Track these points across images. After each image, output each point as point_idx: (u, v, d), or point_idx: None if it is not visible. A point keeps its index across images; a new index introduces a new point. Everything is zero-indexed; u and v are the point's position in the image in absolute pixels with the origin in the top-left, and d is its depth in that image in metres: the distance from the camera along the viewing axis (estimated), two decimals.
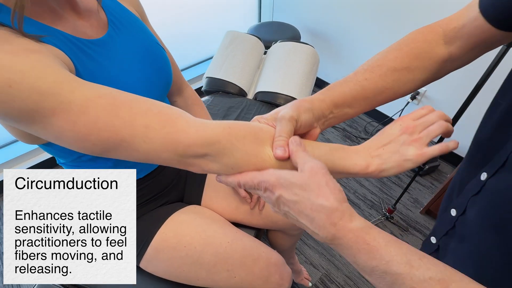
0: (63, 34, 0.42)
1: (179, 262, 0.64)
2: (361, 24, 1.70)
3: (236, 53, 1.34)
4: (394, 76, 0.42)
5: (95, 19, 0.48)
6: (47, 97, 0.30)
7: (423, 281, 0.26)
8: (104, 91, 0.33)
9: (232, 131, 0.35)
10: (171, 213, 0.69)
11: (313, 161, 0.32)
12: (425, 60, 0.43)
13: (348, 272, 1.27)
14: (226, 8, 2.01)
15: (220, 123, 0.35)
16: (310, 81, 1.29)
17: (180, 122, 0.34)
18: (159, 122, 0.33)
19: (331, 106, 0.42)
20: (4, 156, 1.51)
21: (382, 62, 0.43)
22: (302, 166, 0.33)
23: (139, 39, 0.54)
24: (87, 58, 0.44)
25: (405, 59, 0.43)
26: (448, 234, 0.42)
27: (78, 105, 0.31)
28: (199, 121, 0.35)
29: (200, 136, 0.33)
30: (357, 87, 0.42)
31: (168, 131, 0.33)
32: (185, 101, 0.76)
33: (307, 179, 0.31)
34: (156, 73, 0.56)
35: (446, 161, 1.71)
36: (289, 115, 0.37)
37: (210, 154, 0.34)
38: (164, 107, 0.35)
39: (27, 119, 0.32)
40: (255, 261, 0.67)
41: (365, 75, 0.43)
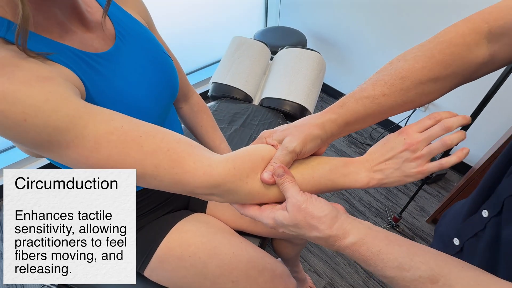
0: (70, 49, 0.41)
1: (183, 272, 0.64)
2: (368, 29, 1.70)
3: (242, 59, 1.35)
4: (418, 89, 0.38)
5: (102, 31, 0.48)
6: (60, 131, 0.31)
7: (414, 280, 0.29)
8: (115, 125, 0.34)
9: (236, 172, 0.36)
10: (176, 222, 0.69)
11: (293, 198, 0.35)
12: (459, 66, 0.38)
13: (352, 281, 1.24)
14: (233, 12, 2.03)
15: (225, 162, 0.36)
16: (317, 88, 1.29)
17: (188, 163, 0.35)
18: (169, 162, 0.35)
19: (342, 126, 0.40)
20: (5, 160, 1.52)
21: (407, 73, 0.38)
22: (287, 205, 0.35)
23: (146, 49, 0.54)
24: (95, 73, 0.44)
25: (436, 68, 0.37)
26: (477, 235, 0.41)
27: (91, 141, 0.32)
28: (207, 162, 0.36)
29: (207, 180, 0.35)
30: (373, 105, 0.39)
31: (177, 172, 0.35)
32: (191, 108, 0.76)
33: (294, 219, 0.34)
34: (163, 83, 0.56)
35: (453, 170, 1.68)
36: (292, 148, 0.37)
37: (216, 194, 0.37)
38: (173, 144, 0.36)
39: (41, 149, 0.33)
40: (260, 272, 0.67)
41: (383, 90, 0.38)
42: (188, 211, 0.76)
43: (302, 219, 0.34)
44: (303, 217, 0.34)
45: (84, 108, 0.33)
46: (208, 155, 0.37)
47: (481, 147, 1.47)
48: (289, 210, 0.35)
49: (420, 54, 0.39)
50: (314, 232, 0.34)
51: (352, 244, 0.33)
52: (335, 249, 0.34)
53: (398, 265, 0.30)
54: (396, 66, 0.39)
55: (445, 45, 0.38)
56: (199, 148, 0.38)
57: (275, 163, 0.37)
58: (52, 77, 0.34)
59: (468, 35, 0.37)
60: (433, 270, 0.29)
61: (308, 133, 0.38)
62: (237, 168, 0.36)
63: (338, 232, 0.33)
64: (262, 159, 0.38)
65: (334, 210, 0.35)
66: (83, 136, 0.32)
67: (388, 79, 0.39)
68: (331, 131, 0.40)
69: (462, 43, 0.37)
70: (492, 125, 1.40)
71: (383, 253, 0.31)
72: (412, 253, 0.31)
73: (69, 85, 0.36)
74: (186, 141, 0.37)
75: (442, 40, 0.38)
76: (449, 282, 0.28)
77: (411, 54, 0.39)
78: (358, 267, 1.28)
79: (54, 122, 0.31)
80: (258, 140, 0.43)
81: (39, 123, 0.30)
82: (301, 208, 0.34)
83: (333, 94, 2.15)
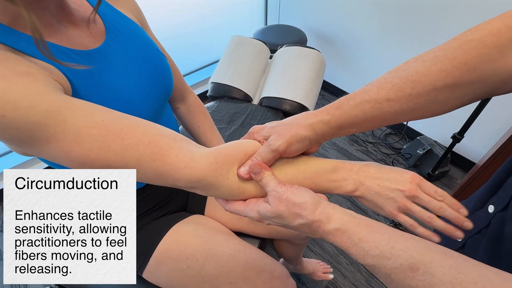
0: (57, 47, 0.42)
1: (181, 274, 0.64)
2: (369, 26, 1.69)
3: (241, 58, 1.35)
4: (430, 96, 0.33)
5: (92, 28, 0.48)
6: (40, 126, 0.31)
7: (394, 268, 0.29)
8: (95, 119, 0.33)
9: (218, 167, 0.36)
10: (174, 224, 0.68)
11: (273, 191, 0.35)
12: (487, 71, 0.31)
13: (354, 280, 1.24)
14: (233, 11, 2.03)
15: (208, 156, 0.36)
16: (316, 86, 1.29)
17: (169, 156, 0.35)
18: (150, 154, 0.35)
19: (335, 128, 0.38)
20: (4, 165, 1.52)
21: (419, 77, 0.33)
22: (268, 199, 0.36)
23: (138, 46, 0.54)
24: (83, 70, 0.44)
25: (456, 72, 0.32)
26: (482, 232, 0.40)
27: (71, 135, 0.32)
28: (189, 155, 0.36)
29: (188, 173, 0.35)
30: (374, 110, 0.35)
31: (158, 165, 0.35)
32: (188, 108, 0.76)
33: (276, 210, 0.34)
34: (156, 81, 0.56)
35: (456, 167, 1.67)
36: (275, 147, 0.37)
37: (198, 187, 0.37)
38: (154, 137, 0.35)
39: (23, 145, 0.33)
40: (258, 274, 0.66)
41: (388, 94, 0.34)
42: (186, 213, 0.76)
43: (285, 209, 0.34)
44: (285, 207, 0.34)
45: (63, 102, 0.33)
46: (191, 148, 0.37)
47: (485, 144, 1.46)
48: (271, 202, 0.35)
49: (440, 55, 0.33)
50: (298, 219, 0.34)
51: (335, 230, 0.33)
52: (319, 236, 0.34)
53: (379, 253, 0.30)
54: (410, 67, 0.35)
55: (472, 45, 0.31)
56: (182, 141, 0.37)
57: (256, 158, 0.37)
58: (31, 72, 0.34)
59: (505, 34, 0.30)
60: (414, 258, 0.29)
61: (295, 133, 0.37)
62: (219, 162, 0.36)
63: (321, 216, 0.33)
64: (245, 154, 0.38)
65: (315, 196, 0.35)
66: (63, 130, 0.32)
67: (397, 82, 0.34)
68: (321, 132, 0.39)
69: (494, 44, 0.30)
70: (496, 122, 1.39)
71: (364, 241, 0.31)
72: (394, 240, 0.31)
73: (49, 80, 0.35)
74: (169, 134, 0.37)
75: (471, 38, 0.32)
76: (429, 270, 0.28)
77: (431, 53, 0.34)
78: (360, 266, 1.28)
79: (33, 117, 0.31)
80: (247, 135, 0.43)
81: (18, 118, 0.30)
82: (282, 199, 0.34)
83: (334, 91, 2.14)
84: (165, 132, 0.37)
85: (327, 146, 1.82)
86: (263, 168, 0.36)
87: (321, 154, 1.77)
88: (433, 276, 0.28)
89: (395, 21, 1.55)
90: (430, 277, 0.28)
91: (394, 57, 1.64)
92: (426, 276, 0.28)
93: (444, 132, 1.61)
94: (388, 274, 0.30)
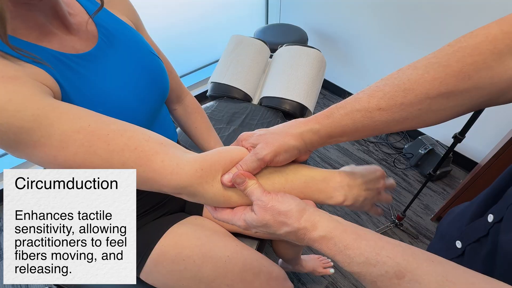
0: (48, 51, 0.41)
1: (178, 276, 0.63)
2: (370, 25, 1.69)
3: (241, 58, 1.35)
4: (423, 104, 0.32)
5: (84, 32, 0.47)
6: (26, 131, 0.31)
7: (380, 275, 0.29)
8: (81, 124, 0.33)
9: (203, 174, 0.36)
10: (171, 225, 0.68)
11: (258, 200, 0.35)
12: (484, 79, 0.29)
13: (355, 280, 1.23)
14: (233, 11, 2.03)
15: (194, 163, 0.36)
16: (317, 86, 1.29)
17: (155, 162, 0.35)
18: (135, 160, 0.34)
19: (325, 138, 0.38)
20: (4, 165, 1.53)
21: (412, 85, 0.32)
22: (254, 208, 0.36)
23: (132, 50, 0.53)
24: (74, 74, 0.43)
25: (450, 80, 0.30)
26: (480, 241, 0.39)
27: (57, 140, 0.32)
28: (175, 161, 0.35)
29: (173, 179, 0.35)
30: (365, 119, 0.34)
31: (144, 170, 0.35)
32: (185, 109, 0.75)
33: (262, 219, 0.34)
34: (150, 85, 0.55)
35: (458, 166, 1.67)
36: (261, 156, 0.36)
37: (184, 194, 0.37)
38: (141, 142, 0.35)
39: (10, 149, 0.33)
40: (255, 275, 0.66)
41: (380, 103, 0.33)
42: (184, 214, 0.75)
43: (271, 218, 0.34)
44: (271, 215, 0.34)
45: (50, 106, 0.33)
46: (178, 154, 0.37)
47: (487, 144, 1.45)
48: (256, 212, 0.35)
49: (434, 62, 0.32)
50: (284, 227, 0.34)
51: (321, 237, 0.32)
52: (305, 243, 0.34)
53: (365, 260, 0.30)
54: (402, 75, 0.33)
55: (467, 52, 0.30)
56: (169, 146, 0.37)
57: (240, 166, 0.37)
58: (18, 76, 0.33)
59: (501, 41, 0.28)
60: (400, 264, 0.28)
61: (283, 143, 0.37)
62: (204, 169, 0.36)
63: (307, 224, 0.33)
64: (231, 161, 0.38)
65: (301, 203, 0.35)
66: (49, 135, 0.32)
67: (389, 90, 0.33)
68: (310, 142, 0.38)
69: (490, 50, 0.29)
70: (499, 121, 1.38)
71: (350, 248, 0.31)
72: (380, 247, 0.30)
73: (36, 84, 0.35)
74: (156, 139, 0.37)
75: (465, 45, 0.30)
76: (415, 278, 0.27)
77: (424, 60, 0.33)
78: None
79: (18, 121, 0.31)
80: (236, 142, 0.42)
81: (3, 123, 0.30)
82: (267, 208, 0.34)
83: (335, 91, 2.14)
84: (152, 137, 0.36)
85: (328, 146, 1.81)
86: (246, 177, 0.36)
87: (322, 153, 1.77)
88: (419, 283, 0.27)
89: (396, 20, 1.55)
90: (416, 284, 0.27)
91: (395, 56, 1.64)
92: (412, 283, 0.27)
93: (446, 131, 1.61)
94: (374, 282, 0.29)
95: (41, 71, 0.39)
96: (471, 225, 0.43)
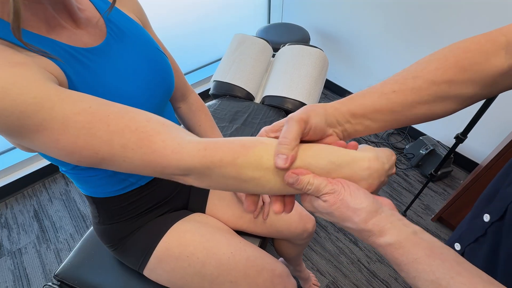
0: (58, 44, 0.42)
1: (181, 273, 0.64)
2: (372, 25, 1.68)
3: (243, 56, 1.35)
4: (431, 90, 0.36)
5: (93, 27, 0.48)
6: (29, 114, 0.31)
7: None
8: (82, 106, 0.33)
9: (207, 154, 0.33)
10: (175, 222, 0.69)
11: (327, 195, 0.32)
12: (475, 73, 0.36)
13: (355, 279, 1.23)
14: (236, 10, 2.02)
15: (197, 144, 0.34)
16: (319, 85, 1.28)
17: (156, 142, 0.33)
18: (136, 141, 0.33)
19: (347, 116, 0.38)
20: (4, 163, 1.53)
21: (419, 73, 0.37)
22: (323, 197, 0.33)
23: (139, 46, 0.54)
24: (82, 67, 0.44)
25: (449, 71, 0.36)
26: (478, 241, 0.40)
27: (59, 122, 0.32)
28: (177, 140, 0.34)
29: (176, 159, 0.33)
30: (382, 100, 0.37)
31: (145, 152, 0.33)
32: (189, 107, 0.76)
33: (329, 208, 0.32)
34: (156, 80, 0.56)
35: (459, 167, 1.66)
36: (298, 116, 0.33)
37: (189, 175, 0.35)
38: (142, 123, 0.34)
39: (14, 134, 0.33)
40: (258, 272, 0.66)
41: (393, 87, 0.37)
42: (187, 211, 0.76)
43: (336, 209, 0.32)
44: (337, 207, 0.32)
45: (53, 90, 0.33)
46: (181, 134, 0.35)
47: (488, 144, 1.45)
48: (328, 199, 0.32)
49: (433, 58, 0.37)
50: (348, 223, 0.32)
51: (388, 245, 0.30)
52: (369, 243, 0.32)
53: (434, 279, 0.27)
54: (408, 69, 0.38)
55: (461, 50, 0.36)
56: (172, 127, 0.36)
57: (286, 138, 0.32)
58: (24, 63, 0.34)
59: (485, 44, 0.36)
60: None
61: (311, 108, 0.35)
62: (208, 150, 0.33)
63: (374, 228, 0.31)
64: (242, 146, 0.34)
65: (375, 203, 0.32)
66: (51, 118, 0.32)
67: (399, 78, 0.37)
68: (333, 115, 0.37)
69: (479, 50, 0.36)
70: (500, 122, 1.38)
71: (420, 263, 0.28)
72: (455, 272, 0.27)
73: (41, 70, 0.35)
74: (157, 120, 0.36)
75: (458, 46, 0.37)
76: None
77: (425, 59, 0.38)
78: (361, 266, 1.28)
79: (21, 104, 0.31)
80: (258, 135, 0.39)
81: (7, 106, 0.30)
82: (337, 200, 0.32)
83: (337, 91, 2.13)
84: (154, 119, 0.35)
85: None
86: (299, 174, 0.32)
87: None
88: None
89: (398, 19, 1.54)
90: None
91: (398, 55, 1.63)
92: None
93: (447, 132, 1.60)
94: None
95: (50, 62, 0.39)
96: (468, 226, 0.43)
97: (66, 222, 1.46)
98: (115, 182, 0.60)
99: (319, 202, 0.33)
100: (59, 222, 1.46)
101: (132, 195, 0.64)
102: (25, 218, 1.48)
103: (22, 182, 1.57)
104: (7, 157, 1.53)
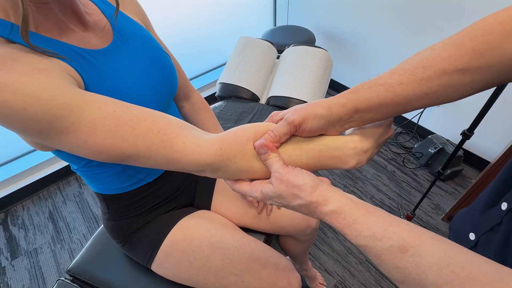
0: (68, 46, 0.45)
1: (187, 266, 0.66)
2: (377, 25, 1.68)
3: (248, 58, 1.37)
4: (442, 80, 0.34)
5: (100, 30, 0.51)
6: (58, 118, 0.34)
7: (384, 249, 0.31)
8: (108, 110, 0.36)
9: (223, 152, 0.38)
10: (181, 218, 0.71)
11: (276, 172, 0.37)
12: (494, 57, 0.32)
13: (363, 279, 1.22)
14: (241, 13, 2.05)
15: (213, 143, 0.38)
16: (323, 85, 1.29)
17: (178, 144, 0.37)
18: (159, 142, 0.37)
19: (352, 112, 0.38)
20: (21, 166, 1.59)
21: (430, 62, 0.35)
22: (271, 179, 0.38)
23: (144, 47, 0.57)
24: (92, 67, 0.47)
25: (465, 57, 0.33)
26: (494, 229, 0.40)
27: (87, 126, 0.35)
28: (195, 142, 0.38)
29: (196, 159, 0.37)
30: (388, 93, 0.36)
31: (168, 152, 0.37)
32: (192, 106, 0.78)
33: (277, 190, 0.37)
34: (161, 80, 0.59)
35: (470, 165, 1.63)
36: (290, 120, 0.37)
37: (207, 170, 0.39)
38: (163, 126, 0.38)
39: (42, 136, 0.35)
40: (263, 266, 0.67)
41: (401, 79, 0.36)
42: (193, 208, 0.78)
43: (285, 189, 0.36)
44: (285, 187, 0.36)
45: (79, 95, 0.36)
46: (196, 134, 0.39)
47: (499, 142, 1.41)
48: (273, 182, 0.37)
49: (448, 43, 0.35)
50: (297, 200, 0.36)
51: (331, 211, 0.34)
52: (316, 216, 0.36)
53: (371, 234, 0.32)
54: (420, 55, 0.36)
55: (478, 33, 0.33)
56: (188, 128, 0.40)
57: (272, 132, 0.38)
58: (48, 68, 0.36)
59: (508, 22, 0.32)
60: (405, 240, 0.30)
61: (311, 110, 0.38)
62: (224, 149, 0.38)
63: (319, 198, 0.35)
64: (247, 140, 0.39)
65: (315, 179, 0.37)
66: (80, 121, 0.35)
67: (408, 68, 0.36)
68: (337, 113, 0.38)
69: (499, 31, 0.32)
70: (510, 119, 1.35)
71: (358, 223, 0.33)
72: (387, 224, 0.32)
73: (65, 75, 0.38)
74: (175, 123, 0.39)
75: (477, 27, 0.34)
76: (419, 253, 0.29)
77: (440, 43, 0.36)
78: (370, 266, 1.26)
79: (52, 109, 0.33)
80: (267, 119, 0.44)
81: (38, 111, 0.33)
82: (283, 180, 0.36)
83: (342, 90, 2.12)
84: (172, 121, 0.39)
85: None
86: (269, 149, 0.38)
87: None
88: (421, 258, 0.29)
89: (403, 19, 1.53)
90: (418, 258, 0.29)
91: (403, 55, 1.61)
92: (414, 258, 0.29)
93: (456, 130, 1.57)
94: (378, 255, 0.31)
95: (65, 64, 0.42)
96: (485, 214, 0.43)
97: (79, 222, 1.51)
98: (123, 179, 0.63)
99: (267, 186, 0.38)
100: (73, 223, 1.51)
101: (140, 192, 0.66)
102: (40, 219, 1.53)
103: (37, 184, 1.63)
104: (23, 161, 1.60)
